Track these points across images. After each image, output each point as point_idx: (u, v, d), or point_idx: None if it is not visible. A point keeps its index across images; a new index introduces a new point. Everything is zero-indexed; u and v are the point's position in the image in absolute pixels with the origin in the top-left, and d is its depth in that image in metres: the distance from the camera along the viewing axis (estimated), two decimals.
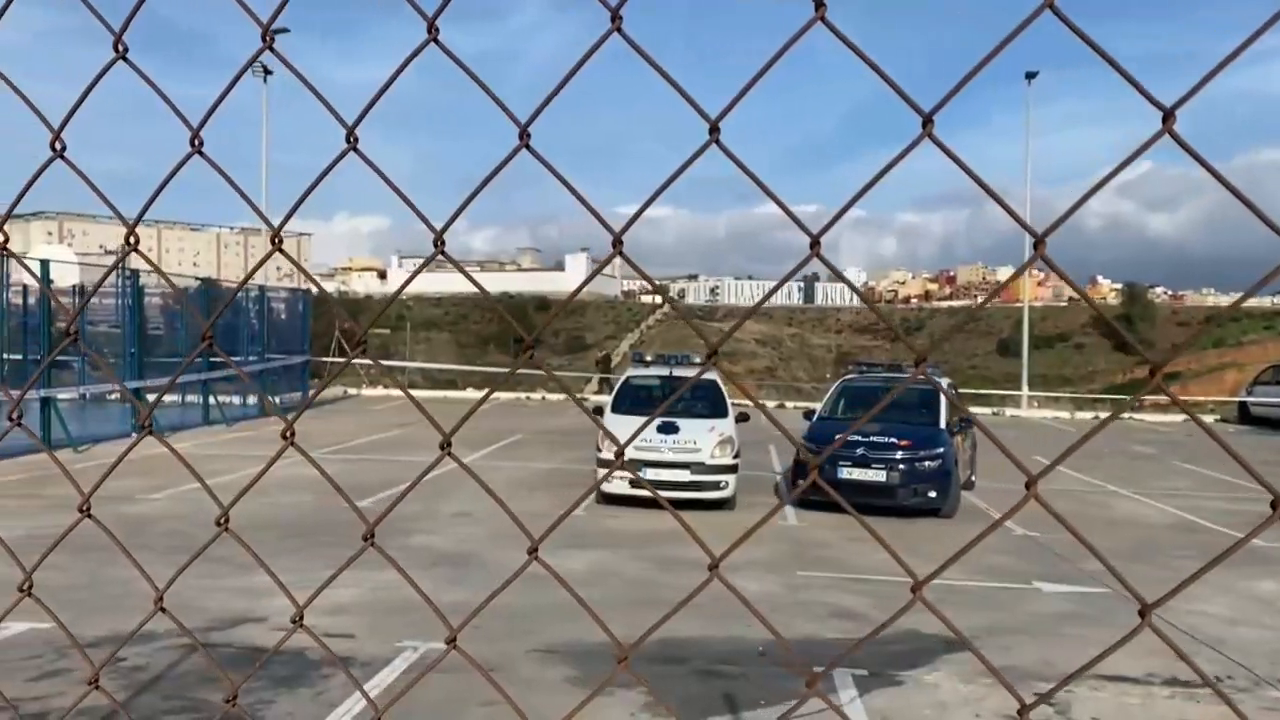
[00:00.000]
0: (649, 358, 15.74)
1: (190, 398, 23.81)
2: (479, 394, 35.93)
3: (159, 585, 1.53)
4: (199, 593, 7.99)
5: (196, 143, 1.36)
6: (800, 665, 6.98)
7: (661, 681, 6.64)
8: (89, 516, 1.49)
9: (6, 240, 1.47)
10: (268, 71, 35.79)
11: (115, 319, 21.66)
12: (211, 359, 23.47)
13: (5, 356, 20.77)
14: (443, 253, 1.27)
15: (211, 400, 23.74)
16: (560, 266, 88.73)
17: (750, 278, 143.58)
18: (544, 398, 37.73)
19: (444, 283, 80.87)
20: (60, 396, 18.66)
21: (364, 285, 70.38)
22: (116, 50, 1.34)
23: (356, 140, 1.27)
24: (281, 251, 1.37)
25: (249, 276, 1.72)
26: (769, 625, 1.32)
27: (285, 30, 36.67)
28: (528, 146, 1.20)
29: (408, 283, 1.64)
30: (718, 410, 14.06)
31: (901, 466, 12.92)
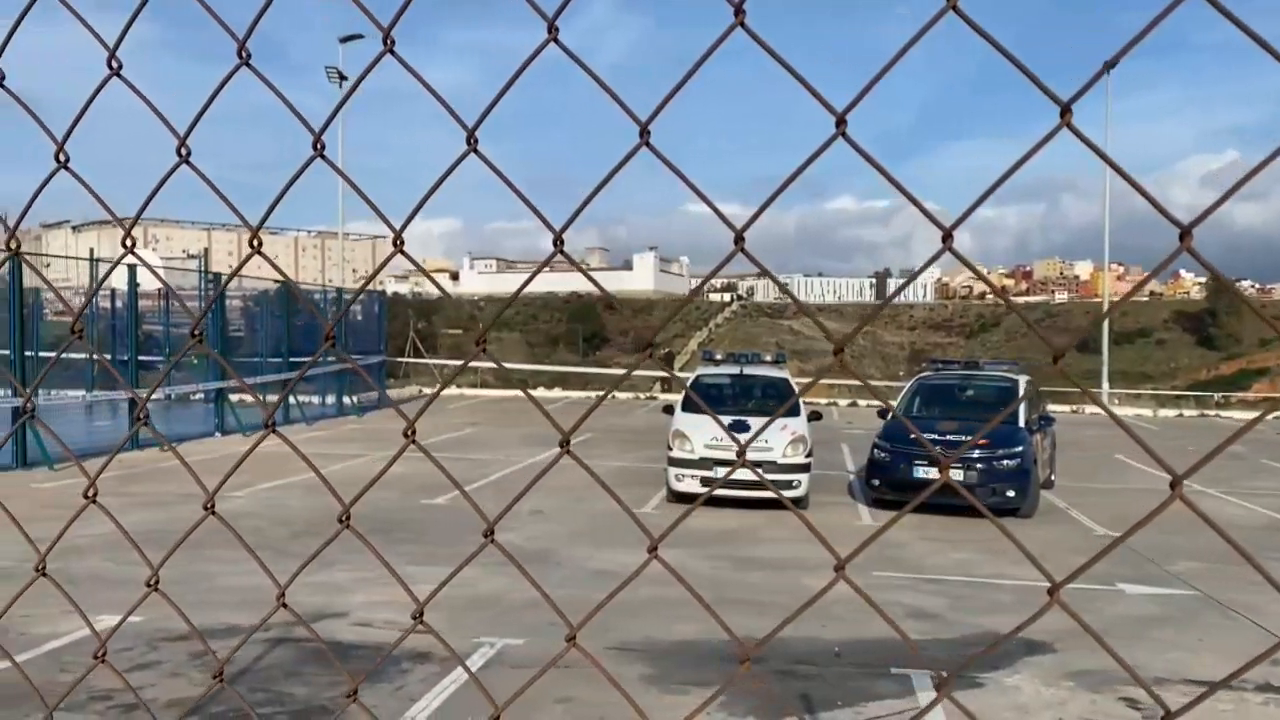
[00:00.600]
0: (719, 356, 15.71)
1: (270, 397, 24.39)
2: (549, 393, 35.90)
3: (277, 582, 1.57)
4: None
5: (319, 146, 1.38)
6: (939, 668, 6.90)
7: (739, 681, 6.61)
8: (213, 514, 1.54)
9: (134, 244, 1.51)
10: (343, 77, 36.51)
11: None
12: (291, 359, 24.01)
13: (95, 358, 21.46)
14: (561, 251, 1.28)
15: (291, 400, 24.27)
16: (628, 266, 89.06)
17: (820, 274, 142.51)
18: (613, 396, 37.86)
19: (515, 283, 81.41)
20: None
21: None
22: (240, 57, 1.36)
23: (476, 142, 1.28)
24: (404, 254, 1.39)
25: (372, 277, 1.75)
26: (898, 629, 1.30)
27: (360, 36, 37.25)
28: (648, 145, 1.19)
29: (529, 280, 1.65)
30: (790, 409, 13.96)
31: (979, 466, 12.67)
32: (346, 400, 27.28)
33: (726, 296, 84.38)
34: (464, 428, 23.45)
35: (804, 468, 12.98)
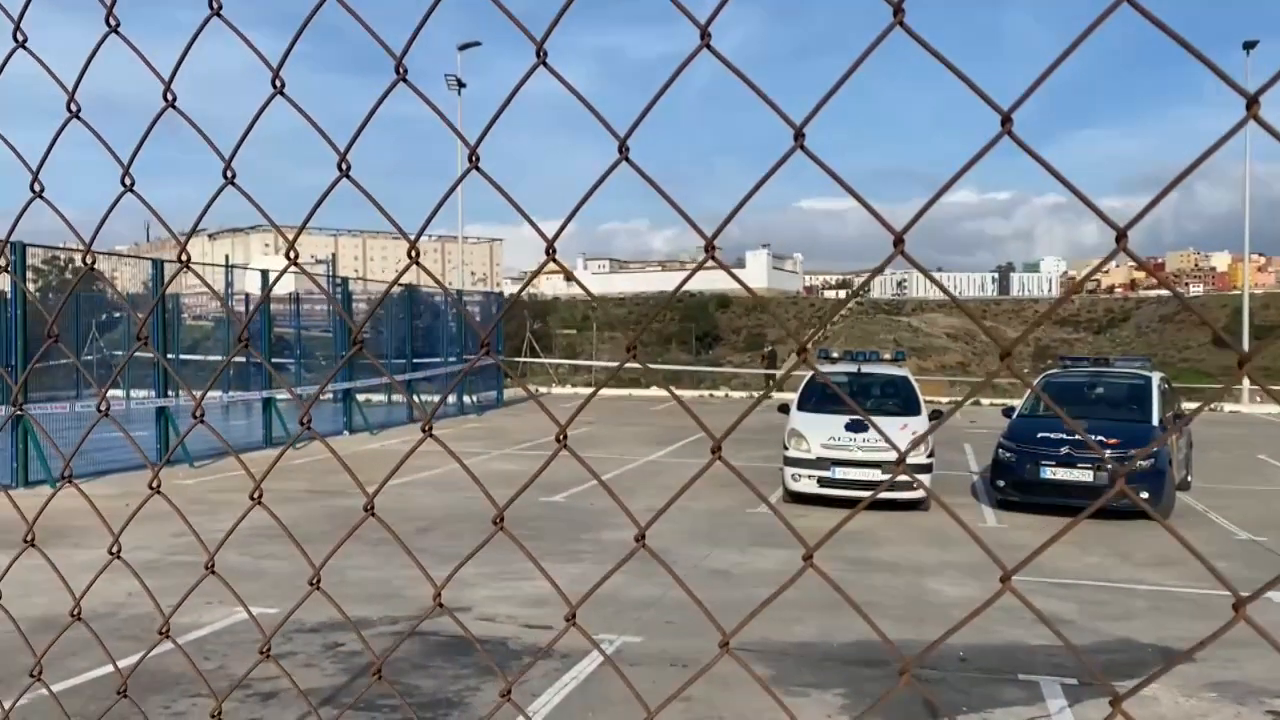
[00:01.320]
0: (835, 355, 15.49)
1: (396, 397, 25.11)
2: (661, 392, 35.98)
3: (434, 582, 1.63)
4: (406, 582, 8.40)
5: (474, 159, 1.41)
6: (1101, 680, 6.72)
7: (862, 684, 6.52)
8: (373, 515, 1.62)
9: (297, 256, 1.57)
10: (461, 84, 37.29)
11: (326, 324, 23.06)
12: (414, 360, 24.68)
13: (261, 363, 22.42)
14: (713, 257, 1.29)
15: (416, 399, 24.95)
16: (741, 264, 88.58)
17: (939, 269, 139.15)
18: (727, 395, 37.75)
19: (627, 283, 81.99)
20: (279, 397, 20.03)
21: (551, 288, 72.57)
22: (397, 73, 1.41)
23: (628, 151, 1.29)
24: (556, 261, 1.42)
25: (526, 284, 1.83)
26: (1064, 638, 1.26)
27: (478, 43, 37.97)
28: (803, 148, 1.18)
29: (688, 278, 1.67)
30: (910, 408, 13.68)
31: (1110, 466, 12.20)
32: (466, 399, 27.89)
33: (842, 294, 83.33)
34: (579, 426, 23.70)
35: (925, 468, 12.70)
